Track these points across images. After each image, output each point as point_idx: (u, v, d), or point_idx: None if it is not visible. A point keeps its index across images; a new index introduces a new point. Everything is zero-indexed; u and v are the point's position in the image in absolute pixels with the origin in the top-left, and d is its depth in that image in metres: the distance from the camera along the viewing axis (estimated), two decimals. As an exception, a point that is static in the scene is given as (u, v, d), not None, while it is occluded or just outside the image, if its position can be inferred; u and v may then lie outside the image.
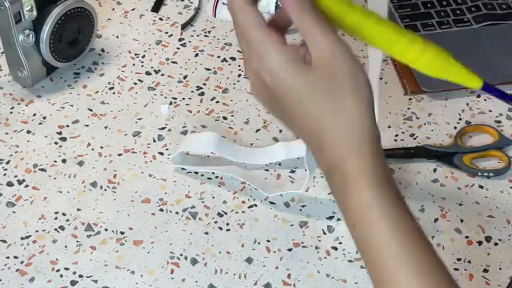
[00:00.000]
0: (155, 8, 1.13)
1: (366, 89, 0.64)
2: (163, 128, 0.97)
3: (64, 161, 0.93)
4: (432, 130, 0.97)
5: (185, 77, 1.03)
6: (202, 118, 0.98)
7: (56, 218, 0.87)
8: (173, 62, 1.05)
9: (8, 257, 0.84)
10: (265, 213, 0.88)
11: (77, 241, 0.85)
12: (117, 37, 1.08)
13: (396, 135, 0.97)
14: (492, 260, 0.84)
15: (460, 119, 0.99)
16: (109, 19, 1.11)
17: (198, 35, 1.09)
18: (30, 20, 0.96)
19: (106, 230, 0.86)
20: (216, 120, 0.98)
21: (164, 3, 1.13)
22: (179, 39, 1.08)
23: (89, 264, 0.83)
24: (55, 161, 0.93)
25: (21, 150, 0.94)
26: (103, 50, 1.06)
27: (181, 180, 0.91)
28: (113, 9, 1.12)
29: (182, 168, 0.92)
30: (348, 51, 0.64)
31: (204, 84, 1.02)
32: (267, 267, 0.84)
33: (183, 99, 1.00)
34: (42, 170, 0.92)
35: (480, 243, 0.86)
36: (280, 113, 0.68)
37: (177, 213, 0.88)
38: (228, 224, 0.87)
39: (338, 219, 0.88)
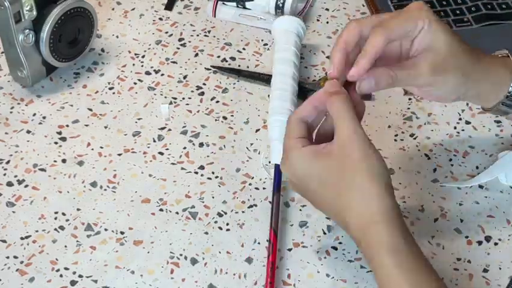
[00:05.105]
0: (169, 6, 1.13)
1: (377, 167, 0.74)
2: (163, 128, 0.97)
3: (63, 161, 0.93)
4: (432, 130, 0.97)
5: (185, 77, 1.03)
6: (202, 118, 0.98)
7: (56, 218, 0.87)
8: (173, 62, 1.05)
9: (8, 257, 0.84)
10: (265, 213, 0.88)
11: (77, 241, 0.85)
12: (117, 37, 1.08)
13: (396, 135, 0.97)
14: (492, 260, 0.84)
15: (460, 119, 0.99)
16: (109, 19, 1.11)
17: (197, 35, 1.09)
18: (30, 20, 0.96)
19: (105, 230, 0.86)
20: (215, 120, 0.98)
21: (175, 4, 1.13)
22: (179, 39, 1.08)
23: (89, 264, 0.83)
24: (55, 161, 0.93)
25: (21, 150, 0.94)
26: (103, 50, 1.06)
27: (181, 180, 0.91)
28: (113, 9, 1.12)
29: (182, 168, 0.92)
30: (363, 139, 0.74)
31: (204, 84, 1.02)
32: (267, 267, 0.83)
33: (183, 99, 1.00)
34: (42, 170, 0.92)
35: (480, 243, 0.86)
36: (312, 199, 0.79)
37: (177, 213, 0.88)
38: (228, 224, 0.87)
39: (338, 219, 0.88)
